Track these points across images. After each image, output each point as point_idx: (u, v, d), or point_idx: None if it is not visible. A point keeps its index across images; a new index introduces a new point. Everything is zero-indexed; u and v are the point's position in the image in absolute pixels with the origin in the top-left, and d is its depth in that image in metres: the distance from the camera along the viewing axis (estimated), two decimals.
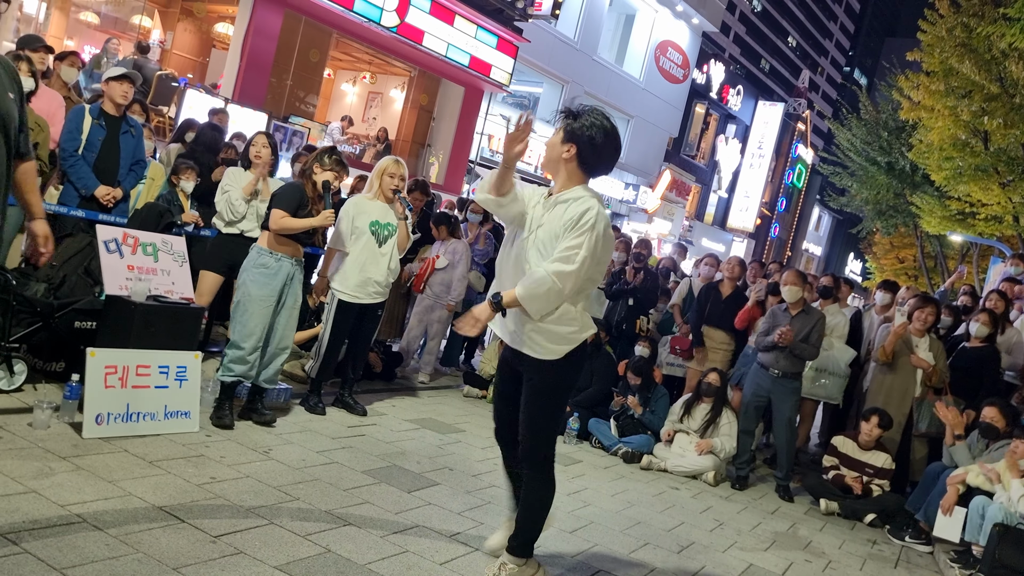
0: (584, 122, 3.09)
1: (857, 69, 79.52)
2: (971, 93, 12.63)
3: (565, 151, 3.10)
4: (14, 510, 3.04)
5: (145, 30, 15.16)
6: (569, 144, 3.09)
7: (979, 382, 6.52)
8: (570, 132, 3.09)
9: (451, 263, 7.25)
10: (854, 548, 5.38)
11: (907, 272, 27.34)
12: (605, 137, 3.09)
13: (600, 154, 3.10)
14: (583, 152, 3.08)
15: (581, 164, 3.11)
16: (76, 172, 5.41)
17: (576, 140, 3.08)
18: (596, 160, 3.12)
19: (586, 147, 3.08)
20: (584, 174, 3.15)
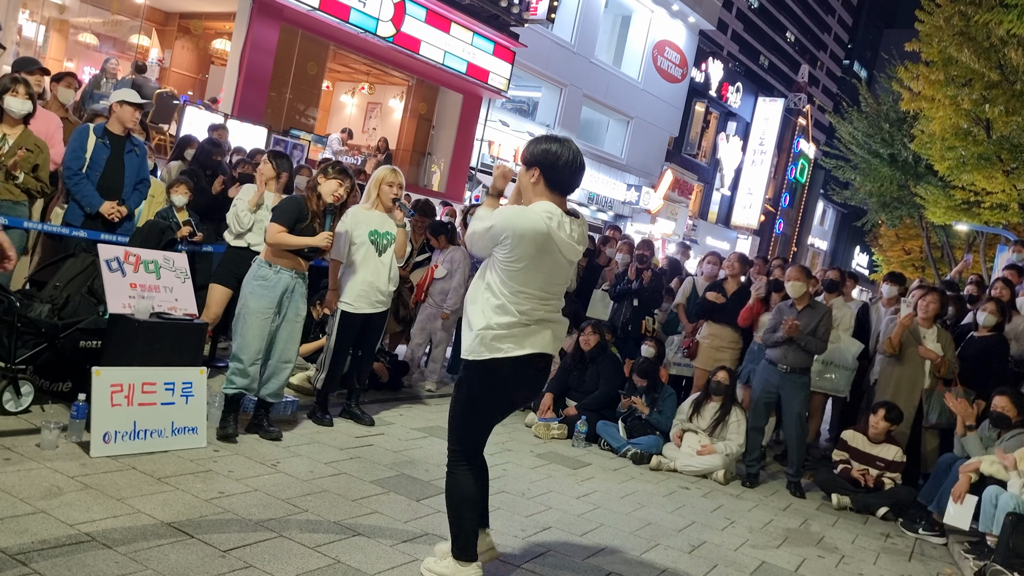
0: (537, 146, 3.22)
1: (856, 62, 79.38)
2: (971, 81, 12.58)
3: (531, 176, 3.20)
4: (23, 531, 3.05)
5: (143, 49, 15.26)
6: (532, 168, 3.20)
7: (988, 371, 6.48)
8: (529, 157, 3.22)
9: (449, 272, 7.26)
10: (867, 542, 5.35)
11: (914, 263, 27.23)
12: (561, 149, 3.18)
13: (561, 168, 3.18)
14: (546, 171, 3.18)
15: (548, 183, 3.20)
16: (80, 190, 5.44)
17: (536, 162, 3.19)
18: (559, 175, 3.19)
19: (547, 166, 3.17)
20: (553, 192, 3.22)
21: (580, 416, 6.61)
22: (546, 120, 23.54)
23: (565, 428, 6.64)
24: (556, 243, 3.15)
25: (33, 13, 13.82)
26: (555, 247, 3.16)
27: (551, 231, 3.12)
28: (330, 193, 4.86)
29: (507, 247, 3.12)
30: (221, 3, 14.82)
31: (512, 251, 3.12)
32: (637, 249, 8.47)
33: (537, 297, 3.21)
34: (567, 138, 3.24)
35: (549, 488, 5.10)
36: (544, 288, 3.22)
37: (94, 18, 15.05)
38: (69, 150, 5.46)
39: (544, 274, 3.20)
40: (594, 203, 25.11)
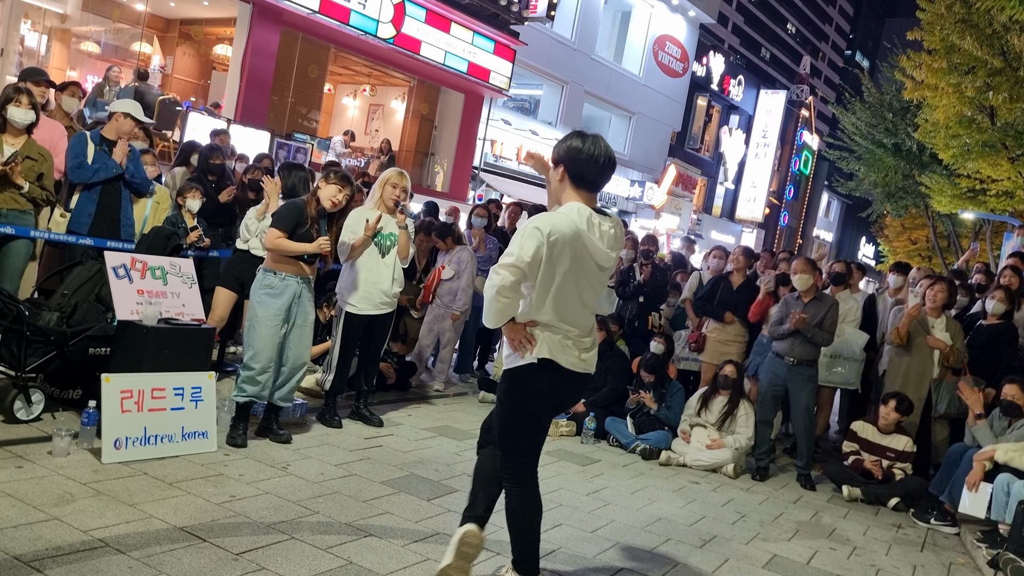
0: (562, 143, 3.17)
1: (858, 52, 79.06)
2: (974, 69, 12.52)
3: (558, 175, 3.15)
4: (37, 538, 3.07)
5: (145, 56, 15.29)
6: (558, 167, 3.15)
7: (998, 360, 6.46)
8: (555, 156, 3.17)
9: (457, 272, 7.26)
10: (879, 533, 5.34)
11: (920, 253, 27.14)
12: (584, 144, 3.11)
13: (584, 163, 3.10)
14: (570, 167, 3.12)
15: (573, 180, 3.14)
16: (89, 172, 5.44)
17: (560, 159, 3.14)
18: (585, 171, 3.12)
19: (570, 161, 3.11)
20: (581, 189, 3.16)
21: (588, 413, 6.61)
22: (548, 118, 23.53)
23: (574, 425, 6.65)
24: (587, 245, 3.06)
25: (35, 23, 13.87)
26: (586, 251, 3.07)
27: (581, 231, 3.04)
28: (328, 199, 4.85)
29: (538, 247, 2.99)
30: (221, 9, 14.86)
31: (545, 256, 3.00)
32: (641, 245, 8.46)
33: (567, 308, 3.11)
34: (594, 134, 3.17)
35: (559, 485, 5.11)
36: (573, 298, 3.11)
37: (96, 26, 15.08)
38: (71, 158, 5.49)
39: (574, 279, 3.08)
40: (598, 200, 25.06)
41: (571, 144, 3.12)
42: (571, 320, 3.14)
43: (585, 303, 3.19)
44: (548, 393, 3.18)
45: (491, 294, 2.99)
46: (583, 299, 3.17)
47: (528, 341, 3.09)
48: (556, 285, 3.06)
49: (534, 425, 3.23)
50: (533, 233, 3.00)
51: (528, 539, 3.24)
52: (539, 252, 2.99)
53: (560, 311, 3.10)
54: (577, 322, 3.15)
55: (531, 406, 3.18)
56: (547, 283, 3.05)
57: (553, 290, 3.07)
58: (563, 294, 3.09)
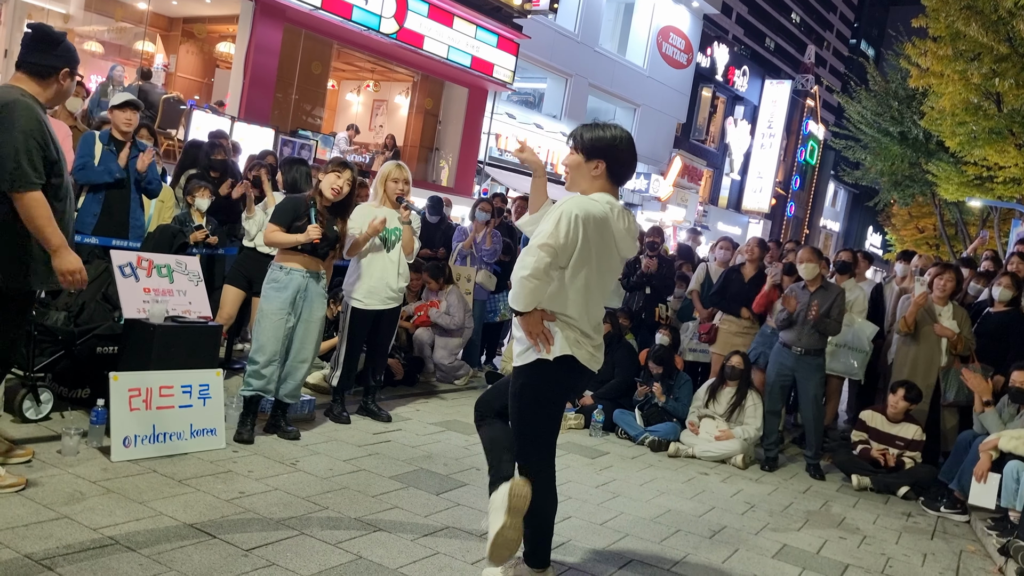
0: (602, 137, 3.15)
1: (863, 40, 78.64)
2: (980, 55, 12.44)
3: (594, 167, 3.15)
4: (48, 536, 3.08)
5: (148, 55, 15.31)
6: (596, 160, 3.14)
7: (1006, 347, 6.43)
8: (593, 149, 3.14)
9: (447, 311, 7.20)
10: (889, 522, 5.33)
11: (927, 242, 27.03)
12: (620, 139, 3.15)
13: (625, 158, 3.16)
14: (612, 163, 3.15)
15: (612, 175, 3.18)
16: (95, 173, 5.43)
17: (602, 155, 3.13)
18: (625, 165, 3.19)
19: (612, 157, 3.14)
20: (612, 184, 3.20)
21: (596, 405, 6.61)
22: (552, 111, 23.49)
23: (582, 418, 6.65)
24: (615, 235, 3.12)
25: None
26: (613, 239, 3.12)
27: (610, 219, 3.10)
28: (329, 187, 4.87)
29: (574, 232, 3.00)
30: (224, 6, 14.86)
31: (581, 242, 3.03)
32: (647, 237, 8.45)
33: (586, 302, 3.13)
34: (626, 130, 3.20)
35: (568, 478, 5.11)
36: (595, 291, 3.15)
37: (98, 26, 15.11)
38: (78, 157, 5.47)
39: (597, 271, 3.12)
40: None
41: (609, 137, 3.13)
42: (590, 312, 3.17)
43: (604, 294, 3.24)
44: (566, 389, 3.24)
45: (524, 274, 3.00)
46: (604, 290, 3.23)
47: (546, 337, 3.08)
48: (583, 274, 3.09)
49: (552, 420, 3.25)
50: (570, 218, 3.01)
51: (543, 534, 3.25)
52: (575, 236, 3.02)
53: (582, 302, 3.12)
54: (594, 315, 3.20)
55: (549, 401, 3.20)
56: (576, 270, 3.08)
57: (580, 279, 3.09)
58: (587, 284, 3.12)
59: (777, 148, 35.87)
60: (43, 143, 3.38)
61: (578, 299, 3.11)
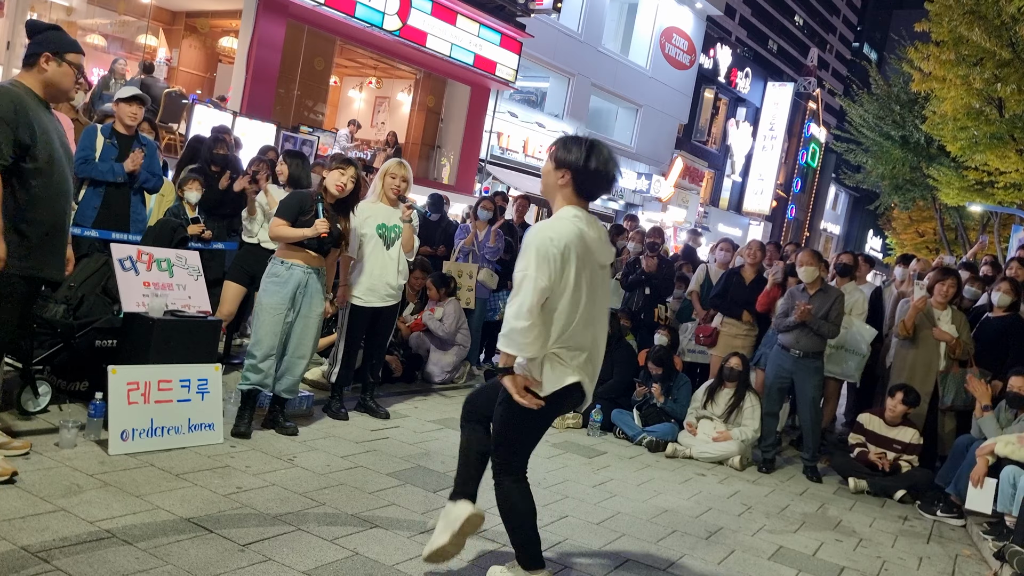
0: (569, 152, 3.12)
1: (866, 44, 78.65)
2: (983, 61, 12.45)
3: (560, 176, 3.13)
4: (45, 528, 3.08)
5: (151, 49, 15.31)
6: (563, 171, 3.13)
7: (1004, 352, 6.43)
8: (562, 160, 3.13)
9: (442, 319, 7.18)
10: (885, 525, 5.34)
11: (927, 246, 27.06)
12: (595, 160, 3.10)
13: (593, 179, 3.12)
14: (577, 179, 3.11)
15: (577, 188, 3.14)
16: (97, 169, 5.41)
17: (567, 166, 3.11)
18: (592, 186, 3.14)
19: (578, 173, 3.10)
20: (579, 198, 3.16)
21: (595, 405, 6.61)
22: (555, 110, 23.48)
23: (580, 417, 6.65)
24: (589, 246, 3.07)
25: (41, 15, 13.88)
26: (590, 252, 3.08)
27: (582, 232, 3.05)
28: (333, 184, 4.88)
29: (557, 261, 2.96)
30: (227, 1, 14.86)
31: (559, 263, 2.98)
32: (647, 237, 8.45)
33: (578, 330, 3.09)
34: (604, 146, 3.14)
35: (565, 477, 5.11)
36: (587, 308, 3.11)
37: (101, 19, 15.11)
38: (79, 150, 5.47)
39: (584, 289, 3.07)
40: None
41: (581, 155, 3.09)
42: (584, 332, 3.11)
43: (600, 307, 3.20)
44: (556, 409, 3.20)
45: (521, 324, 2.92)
46: (598, 304, 3.18)
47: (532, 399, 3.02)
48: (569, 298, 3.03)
49: (536, 432, 3.23)
50: (543, 252, 2.96)
51: (527, 536, 3.20)
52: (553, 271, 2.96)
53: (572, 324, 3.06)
54: (589, 333, 3.14)
55: (537, 416, 3.14)
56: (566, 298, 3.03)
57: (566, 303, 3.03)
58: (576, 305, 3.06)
59: (778, 150, 35.86)
60: (13, 126, 3.43)
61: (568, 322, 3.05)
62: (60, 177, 3.66)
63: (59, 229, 3.70)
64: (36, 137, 3.52)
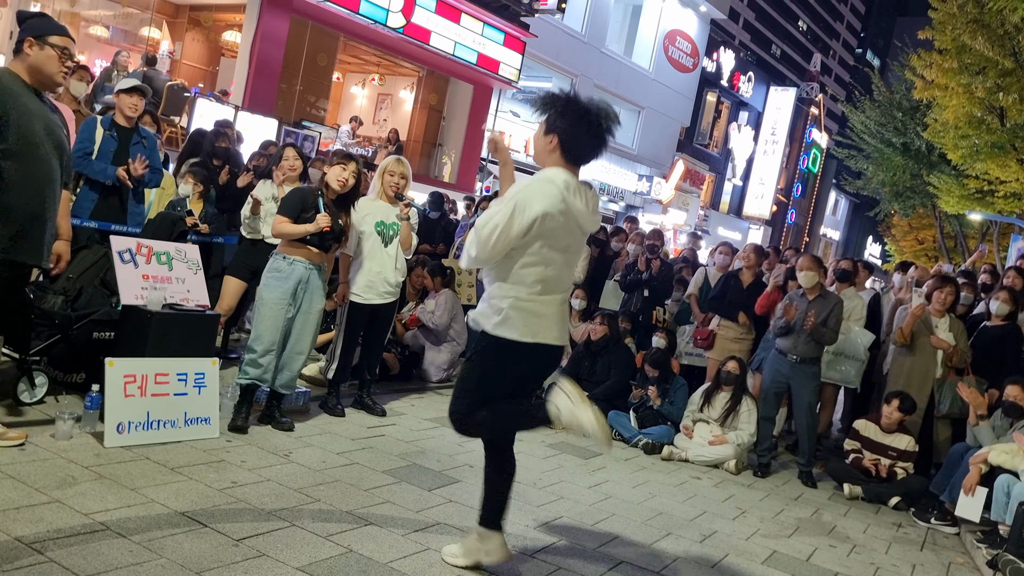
0: (561, 115, 3.08)
1: (869, 50, 78.71)
2: (985, 69, 12.46)
3: (548, 143, 3.11)
4: (39, 520, 3.08)
5: (154, 42, 15.29)
6: (551, 136, 3.10)
7: (1001, 361, 6.45)
8: (550, 124, 3.10)
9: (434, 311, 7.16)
10: (879, 532, 5.34)
11: (927, 253, 27.07)
12: (587, 124, 3.06)
13: (582, 142, 3.08)
14: (565, 140, 3.08)
15: (565, 153, 3.10)
16: (91, 167, 5.41)
17: (556, 131, 3.08)
18: (578, 148, 3.10)
19: (567, 137, 3.07)
20: (569, 163, 3.13)
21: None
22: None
23: None
24: (574, 214, 3.07)
25: (44, 6, 13.87)
26: (574, 219, 3.09)
27: (565, 197, 3.04)
28: (335, 179, 4.88)
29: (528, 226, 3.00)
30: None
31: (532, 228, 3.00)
32: (648, 239, 8.45)
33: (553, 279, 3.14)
34: (594, 105, 3.09)
35: (561, 478, 5.11)
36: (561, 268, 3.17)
37: (105, 11, 15.10)
38: (77, 142, 5.46)
39: (561, 252, 3.13)
40: (605, 193, 25.07)
41: (571, 117, 3.05)
42: (560, 292, 3.19)
43: (571, 271, 3.27)
44: (531, 369, 3.25)
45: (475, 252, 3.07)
46: (570, 267, 3.24)
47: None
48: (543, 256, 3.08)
49: (500, 388, 3.22)
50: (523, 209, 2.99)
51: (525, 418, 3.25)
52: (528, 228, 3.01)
53: (552, 284, 3.13)
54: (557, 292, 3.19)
55: (504, 374, 3.19)
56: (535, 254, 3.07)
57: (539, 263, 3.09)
58: (555, 266, 3.12)
59: (780, 155, 35.89)
60: None
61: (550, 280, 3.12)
62: (39, 163, 3.62)
63: (36, 216, 3.65)
64: (9, 118, 3.49)
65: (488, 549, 3.36)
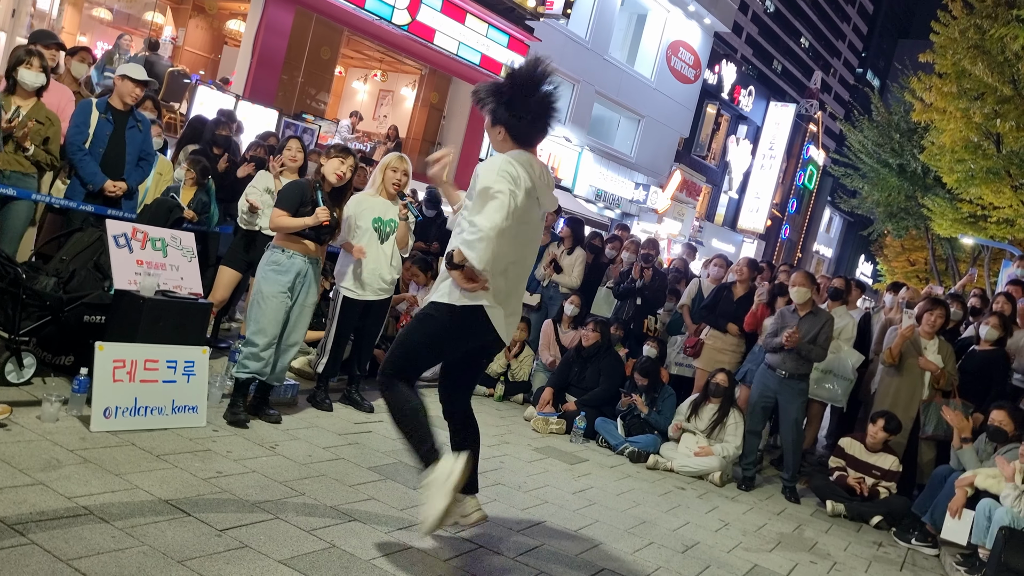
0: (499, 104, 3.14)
1: (870, 70, 79.10)
2: (984, 95, 12.56)
3: (497, 134, 3.19)
4: (22, 501, 3.07)
5: (157, 27, 15.25)
6: (498, 128, 3.18)
7: (988, 385, 6.49)
8: (496, 117, 3.17)
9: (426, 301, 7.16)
10: (860, 550, 5.36)
11: (918, 275, 27.21)
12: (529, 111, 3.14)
13: (529, 127, 3.16)
14: (512, 130, 3.16)
15: (516, 139, 3.19)
16: (84, 167, 5.43)
17: (502, 122, 3.16)
18: (527, 134, 3.18)
19: (513, 126, 3.15)
20: (521, 145, 3.22)
21: (579, 412, 6.62)
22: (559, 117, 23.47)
23: (563, 423, 6.66)
24: (536, 189, 3.18)
25: None
26: (535, 194, 3.18)
27: (533, 177, 3.15)
28: (332, 172, 4.87)
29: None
30: None
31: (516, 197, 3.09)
32: (642, 248, 8.46)
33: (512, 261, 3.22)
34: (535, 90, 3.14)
35: (545, 482, 5.11)
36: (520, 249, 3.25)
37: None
38: (72, 124, 5.44)
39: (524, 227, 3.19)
40: (602, 200, 25.10)
41: (514, 107, 3.12)
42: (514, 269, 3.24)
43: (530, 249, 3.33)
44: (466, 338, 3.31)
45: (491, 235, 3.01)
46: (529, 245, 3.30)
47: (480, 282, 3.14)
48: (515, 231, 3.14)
49: (436, 354, 3.37)
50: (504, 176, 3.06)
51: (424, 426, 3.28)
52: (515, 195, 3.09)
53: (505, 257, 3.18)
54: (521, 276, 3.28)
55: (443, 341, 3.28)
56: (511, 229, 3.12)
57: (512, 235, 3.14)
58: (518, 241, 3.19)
59: (776, 170, 36.00)
60: None
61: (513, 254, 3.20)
62: None
63: None
64: None
65: (464, 511, 3.44)
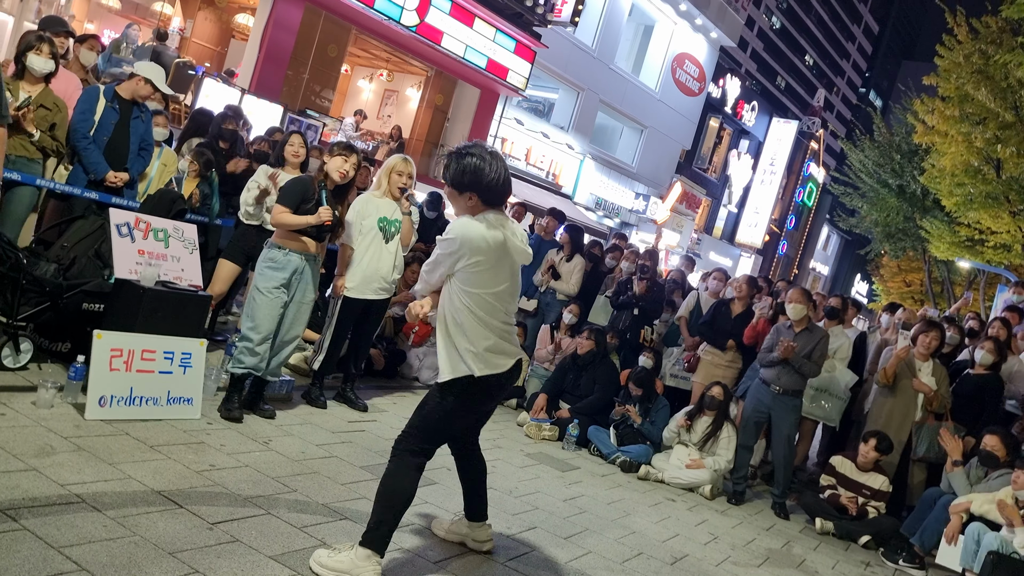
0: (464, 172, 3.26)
1: (873, 90, 79.38)
2: (986, 120, 12.62)
3: (468, 199, 3.30)
4: (14, 487, 3.06)
5: (166, 17, 15.26)
6: (469, 193, 3.28)
7: (981, 409, 6.51)
8: (460, 185, 3.29)
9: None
10: (847, 569, 5.37)
11: (913, 296, 27.28)
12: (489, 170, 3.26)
13: (493, 187, 3.28)
14: (483, 195, 3.29)
15: (485, 203, 3.31)
16: (88, 155, 5.44)
17: (468, 187, 3.27)
18: (494, 195, 3.31)
19: (480, 187, 3.27)
20: (488, 207, 3.33)
21: (572, 419, 6.63)
22: (561, 122, 23.55)
23: (556, 430, 6.66)
24: (509, 247, 3.29)
25: None
26: (509, 252, 3.30)
27: (506, 236, 3.27)
28: (336, 170, 4.88)
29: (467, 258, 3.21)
30: None
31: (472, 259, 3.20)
32: (640, 259, 8.48)
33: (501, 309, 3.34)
34: (489, 152, 3.31)
35: (536, 488, 5.12)
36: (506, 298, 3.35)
37: None
38: (78, 112, 5.46)
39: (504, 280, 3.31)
40: (601, 209, 25.15)
41: (472, 170, 3.25)
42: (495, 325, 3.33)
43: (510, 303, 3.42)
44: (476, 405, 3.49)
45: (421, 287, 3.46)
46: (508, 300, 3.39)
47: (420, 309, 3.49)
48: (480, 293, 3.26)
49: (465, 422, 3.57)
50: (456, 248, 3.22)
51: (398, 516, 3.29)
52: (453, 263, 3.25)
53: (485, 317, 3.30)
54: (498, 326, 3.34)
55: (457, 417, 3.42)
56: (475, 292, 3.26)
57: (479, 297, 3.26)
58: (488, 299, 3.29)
59: (777, 186, 36.13)
60: None
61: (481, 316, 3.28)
62: None
63: None
64: None
65: (476, 536, 3.73)
